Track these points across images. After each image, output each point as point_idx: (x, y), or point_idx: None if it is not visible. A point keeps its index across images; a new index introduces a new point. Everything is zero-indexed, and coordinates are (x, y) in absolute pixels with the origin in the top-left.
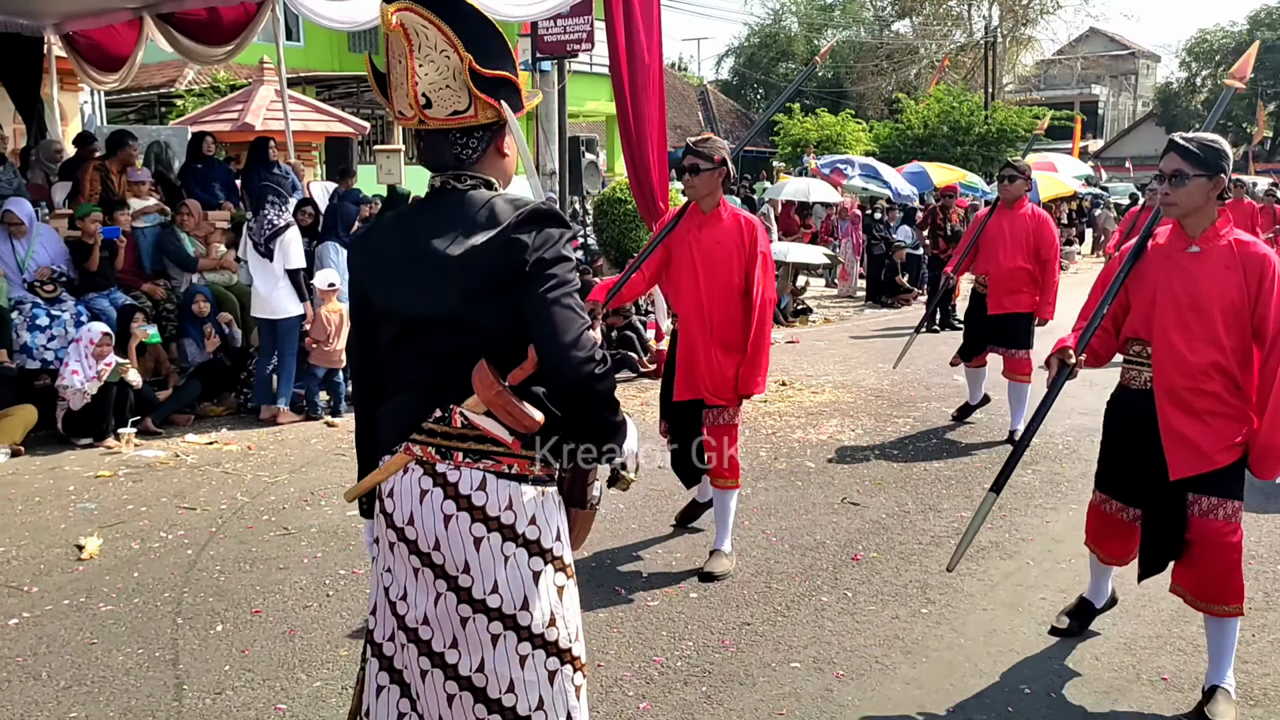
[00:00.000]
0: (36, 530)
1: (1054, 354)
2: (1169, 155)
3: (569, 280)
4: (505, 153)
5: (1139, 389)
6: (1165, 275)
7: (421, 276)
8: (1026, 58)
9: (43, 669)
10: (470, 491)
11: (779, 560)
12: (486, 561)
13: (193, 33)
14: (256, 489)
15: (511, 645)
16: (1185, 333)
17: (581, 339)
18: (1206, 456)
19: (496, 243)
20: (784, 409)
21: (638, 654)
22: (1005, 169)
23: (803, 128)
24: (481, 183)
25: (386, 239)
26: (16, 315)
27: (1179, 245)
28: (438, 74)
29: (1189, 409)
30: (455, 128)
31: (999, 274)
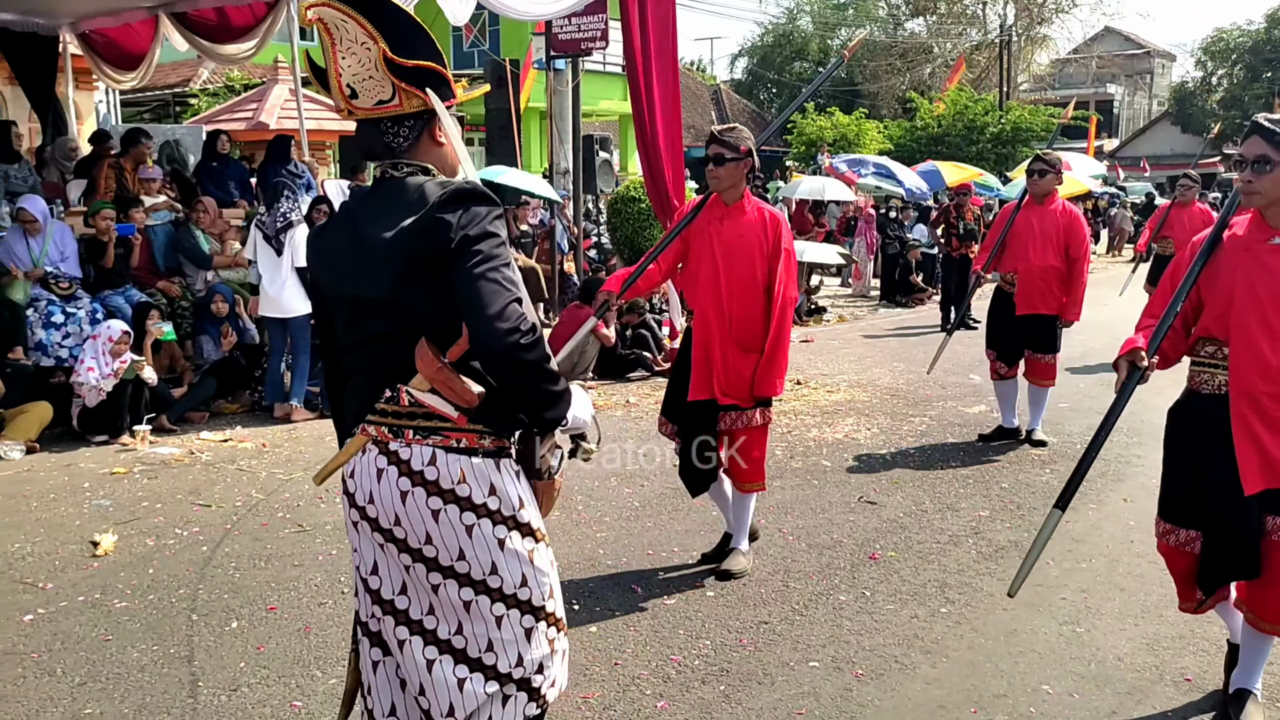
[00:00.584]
0: (51, 527)
1: (1122, 355)
2: (1252, 139)
3: (495, 255)
4: (440, 141)
5: (1211, 394)
6: (1245, 270)
7: (360, 262)
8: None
9: (58, 665)
10: (422, 467)
11: (796, 559)
12: (448, 532)
13: (204, 32)
14: (271, 486)
15: (485, 607)
16: (1269, 333)
17: (506, 310)
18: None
19: (422, 223)
20: (799, 408)
21: (655, 652)
22: (1035, 162)
23: (817, 126)
24: (418, 169)
25: (335, 230)
26: (32, 312)
27: (1260, 237)
28: (359, 65)
29: (1269, 418)
30: (384, 116)
31: (1029, 272)
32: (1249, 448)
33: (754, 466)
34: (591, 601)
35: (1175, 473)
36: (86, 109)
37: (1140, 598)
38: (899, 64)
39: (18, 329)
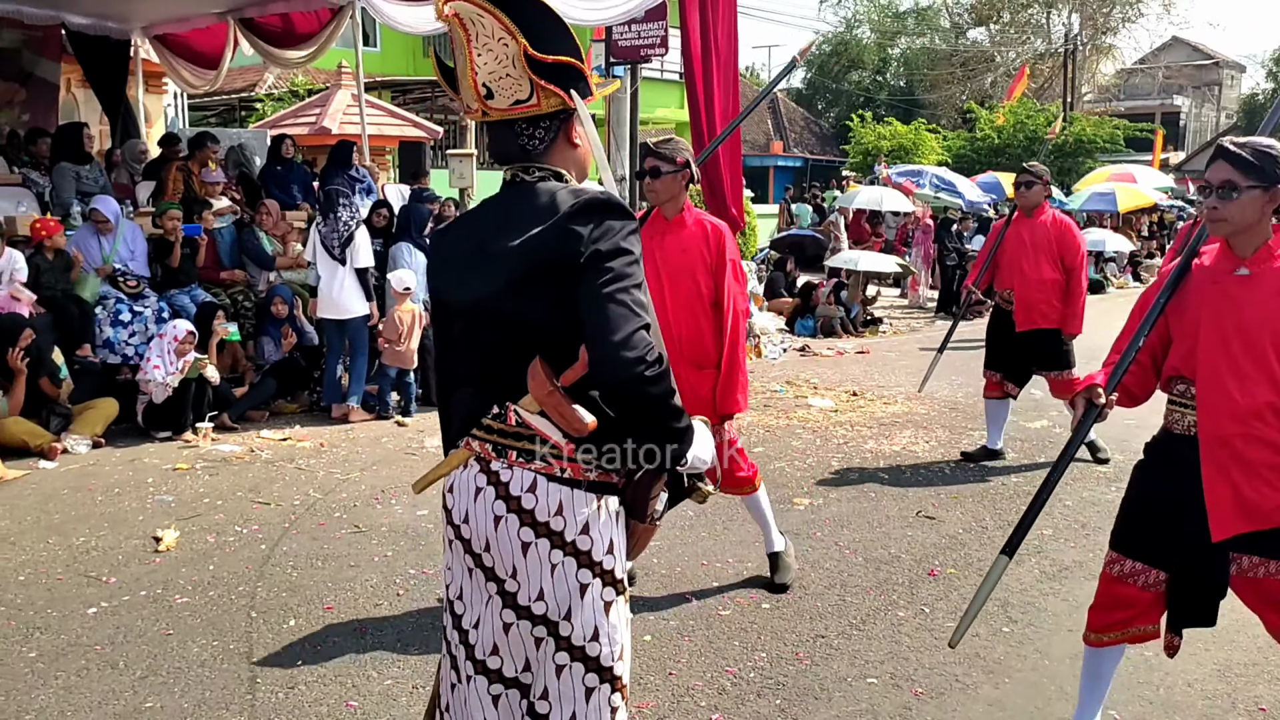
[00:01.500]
0: (116, 521)
1: (1080, 392)
2: (1217, 163)
3: (627, 274)
4: (576, 143)
5: (1182, 434)
6: (1211, 303)
7: (481, 268)
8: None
9: (120, 658)
10: (520, 493)
11: (853, 573)
12: (534, 568)
13: (269, 38)
14: (328, 486)
15: (549, 653)
16: (1235, 370)
17: (633, 337)
18: (1259, 514)
19: (552, 231)
20: (855, 419)
21: (709, 663)
22: (1022, 175)
23: (874, 135)
24: (550, 174)
25: (458, 233)
26: (100, 310)
27: (1226, 267)
28: (496, 63)
29: (1240, 459)
30: (519, 117)
31: (1026, 287)
32: (1222, 491)
33: (734, 477)
34: (646, 610)
35: (1139, 507)
36: (155, 112)
37: None
38: (959, 73)
39: (87, 326)
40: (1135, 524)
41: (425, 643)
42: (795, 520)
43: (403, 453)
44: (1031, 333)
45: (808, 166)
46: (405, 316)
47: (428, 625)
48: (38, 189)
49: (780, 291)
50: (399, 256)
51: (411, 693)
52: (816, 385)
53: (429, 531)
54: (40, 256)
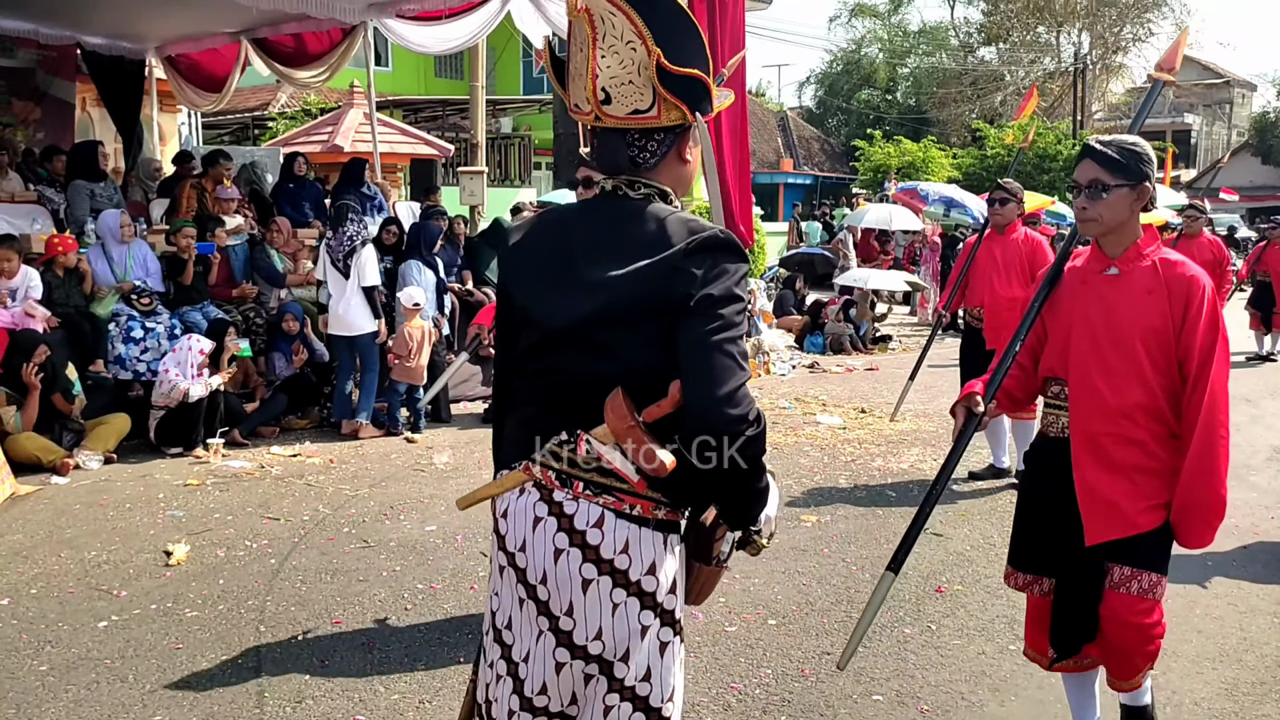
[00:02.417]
0: (127, 535)
1: (959, 401)
2: (1085, 163)
3: (736, 324)
4: (687, 159)
5: (1057, 436)
6: (1081, 302)
7: (571, 286)
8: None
9: (129, 672)
10: (586, 527)
11: (860, 589)
12: (593, 606)
13: (281, 57)
14: (338, 501)
15: (601, 691)
16: (1105, 369)
17: (738, 393)
18: (1126, 518)
19: (663, 266)
20: (863, 436)
21: (715, 680)
22: (995, 191)
23: (884, 154)
24: (656, 192)
25: (543, 239)
26: (113, 327)
27: (1096, 267)
28: (621, 67)
29: (1109, 461)
30: (634, 128)
31: (995, 305)
32: (1089, 495)
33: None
34: None
35: (1022, 519)
36: (169, 131)
37: (1219, 640)
38: (969, 92)
39: (99, 342)
40: (1022, 533)
41: (433, 657)
42: (803, 537)
43: (412, 469)
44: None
45: (817, 184)
46: (415, 333)
47: (435, 640)
48: (53, 206)
49: (789, 309)
50: (408, 274)
51: (419, 707)
52: (825, 402)
53: (437, 547)
54: (52, 273)
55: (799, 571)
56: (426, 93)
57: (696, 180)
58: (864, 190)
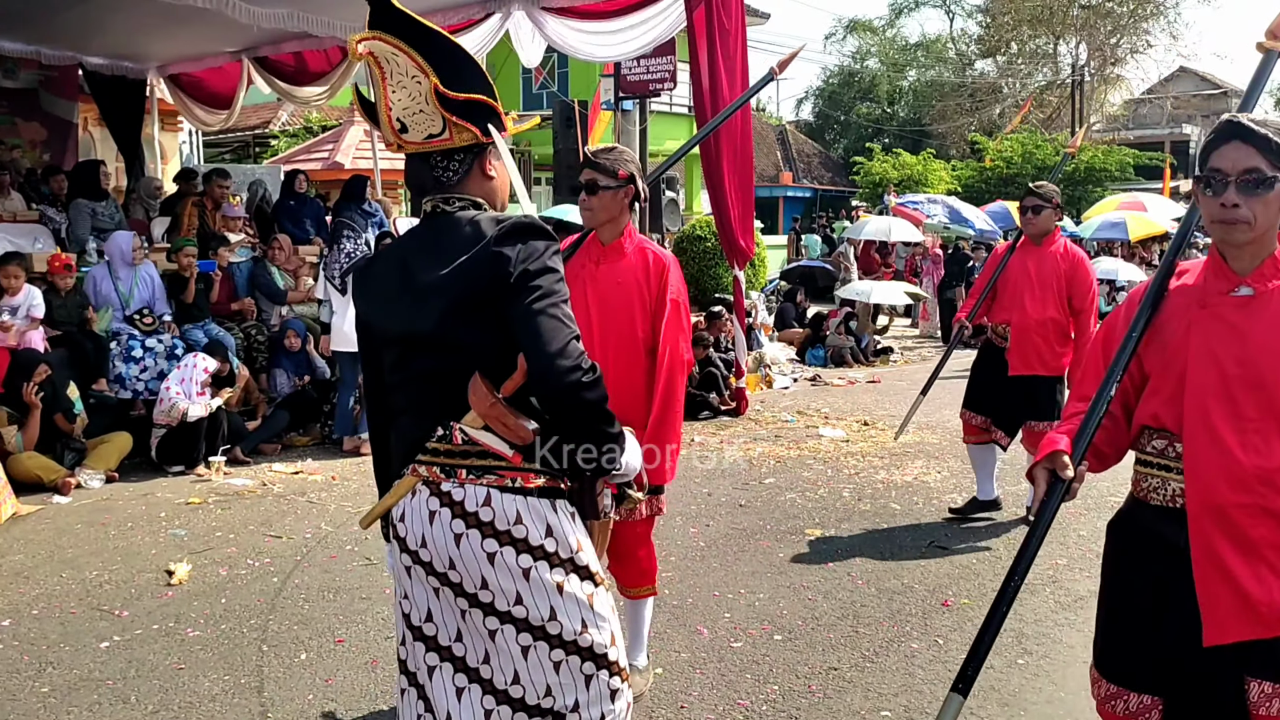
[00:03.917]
0: (128, 555)
1: (1040, 461)
2: (1232, 145)
3: (555, 290)
4: (491, 175)
5: (1162, 506)
6: (1202, 333)
7: (411, 298)
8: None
9: (131, 692)
10: (476, 508)
11: (865, 604)
12: (504, 576)
13: (283, 76)
14: (340, 519)
15: (544, 653)
16: (1236, 421)
17: (568, 348)
18: (1269, 615)
19: (480, 257)
20: (866, 449)
21: (721, 696)
22: (1028, 197)
23: (883, 167)
24: (470, 204)
25: (384, 266)
26: (114, 345)
27: (1220, 287)
28: (410, 99)
29: (1244, 539)
30: (434, 150)
31: (1025, 326)
32: (1217, 584)
33: (637, 567)
34: (657, 642)
35: (1120, 614)
36: (171, 149)
37: None
38: (968, 104)
39: (101, 361)
40: (1112, 633)
41: None
42: (807, 551)
43: None
44: (1025, 377)
45: (817, 197)
46: None
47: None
48: (54, 225)
49: (790, 322)
50: None
51: None
52: (828, 415)
53: None
54: (54, 293)
55: (804, 586)
56: None
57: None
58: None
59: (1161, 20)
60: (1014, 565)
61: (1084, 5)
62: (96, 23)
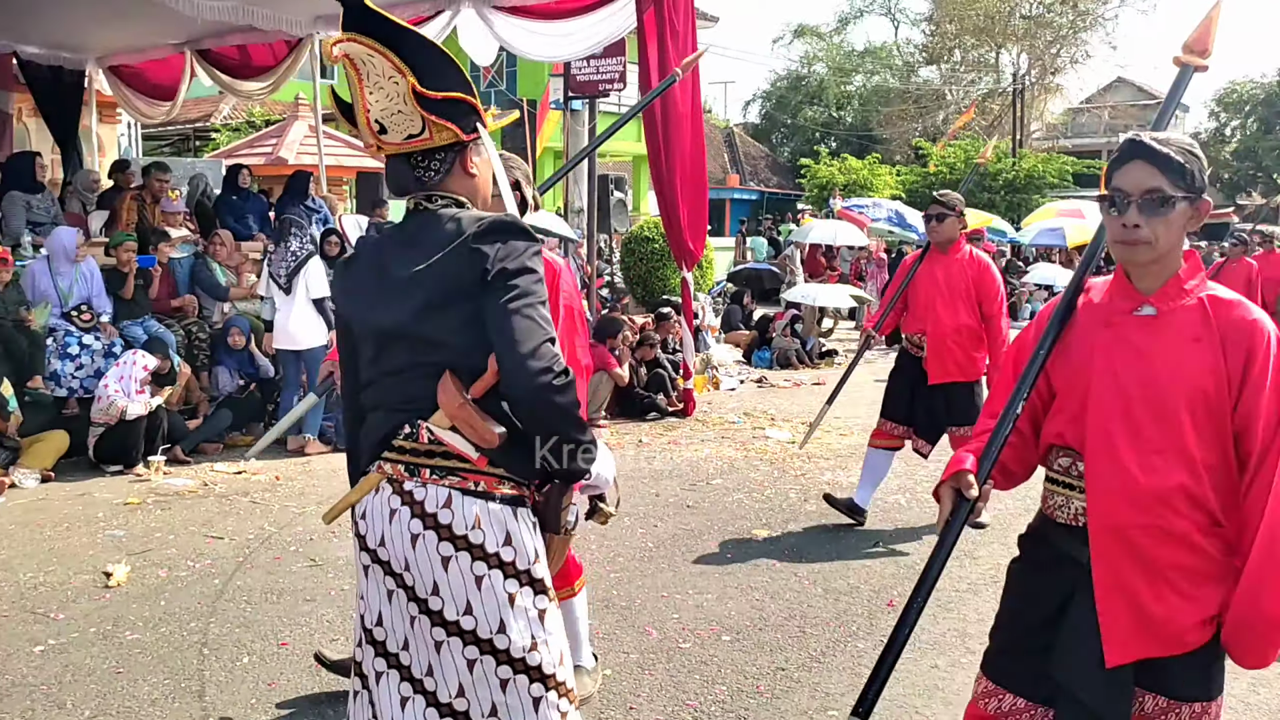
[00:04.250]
0: (64, 556)
1: (946, 480)
2: (1135, 165)
3: (532, 291)
4: (473, 173)
5: (1067, 524)
6: (1104, 351)
7: (388, 293)
8: (1054, 106)
9: (68, 698)
10: (436, 509)
11: (812, 604)
12: (456, 582)
13: (227, 69)
14: (284, 520)
15: (490, 669)
16: (1137, 440)
17: (540, 349)
18: (1166, 634)
19: (458, 252)
20: (812, 450)
21: (670, 697)
22: (933, 206)
23: (830, 171)
24: (452, 202)
25: (363, 261)
26: (51, 342)
27: (1124, 306)
28: (388, 100)
29: (1144, 560)
30: (415, 150)
31: (940, 335)
32: (1117, 603)
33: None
34: (605, 643)
35: (1016, 619)
36: (109, 142)
37: None
38: (912, 110)
39: (37, 358)
40: (1011, 644)
41: None
42: (754, 552)
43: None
44: (944, 385)
45: (764, 200)
46: None
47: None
48: None
49: (737, 324)
50: None
51: None
52: (774, 417)
53: None
54: None
55: (751, 587)
56: None
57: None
58: (810, 206)
59: (1100, 31)
60: (917, 587)
61: (1025, 15)
62: (33, 11)
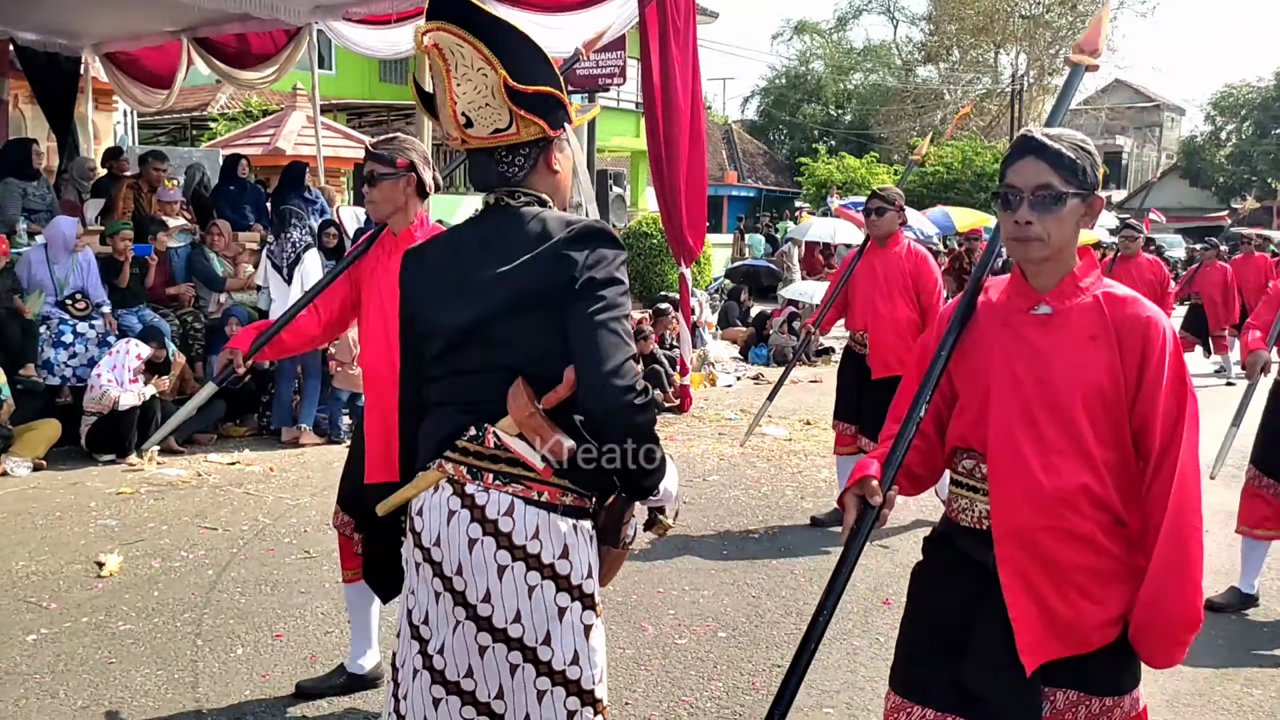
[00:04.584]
0: (57, 546)
1: (850, 489)
2: (1026, 161)
3: (618, 304)
4: (556, 169)
5: (971, 527)
6: (1002, 351)
7: (464, 290)
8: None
9: (60, 687)
10: (497, 516)
11: (808, 601)
12: (509, 591)
13: (225, 57)
14: (278, 511)
15: (530, 678)
16: (1037, 441)
17: (624, 367)
18: (1073, 635)
19: (545, 257)
20: (809, 448)
21: (665, 693)
22: (872, 200)
23: (828, 169)
24: (535, 200)
25: (436, 254)
26: (44, 330)
27: (1021, 305)
28: (476, 92)
29: (1048, 561)
30: (500, 145)
31: (880, 329)
32: (1026, 606)
33: None
34: None
35: (920, 631)
36: (105, 130)
37: None
38: (911, 109)
39: (30, 346)
40: (919, 655)
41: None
42: (751, 548)
43: None
44: (889, 380)
45: (761, 197)
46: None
47: (380, 654)
48: None
49: (734, 321)
50: None
51: None
52: (770, 414)
53: None
54: None
55: (748, 584)
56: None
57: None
58: (807, 204)
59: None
60: (823, 599)
61: (1024, 16)
62: None
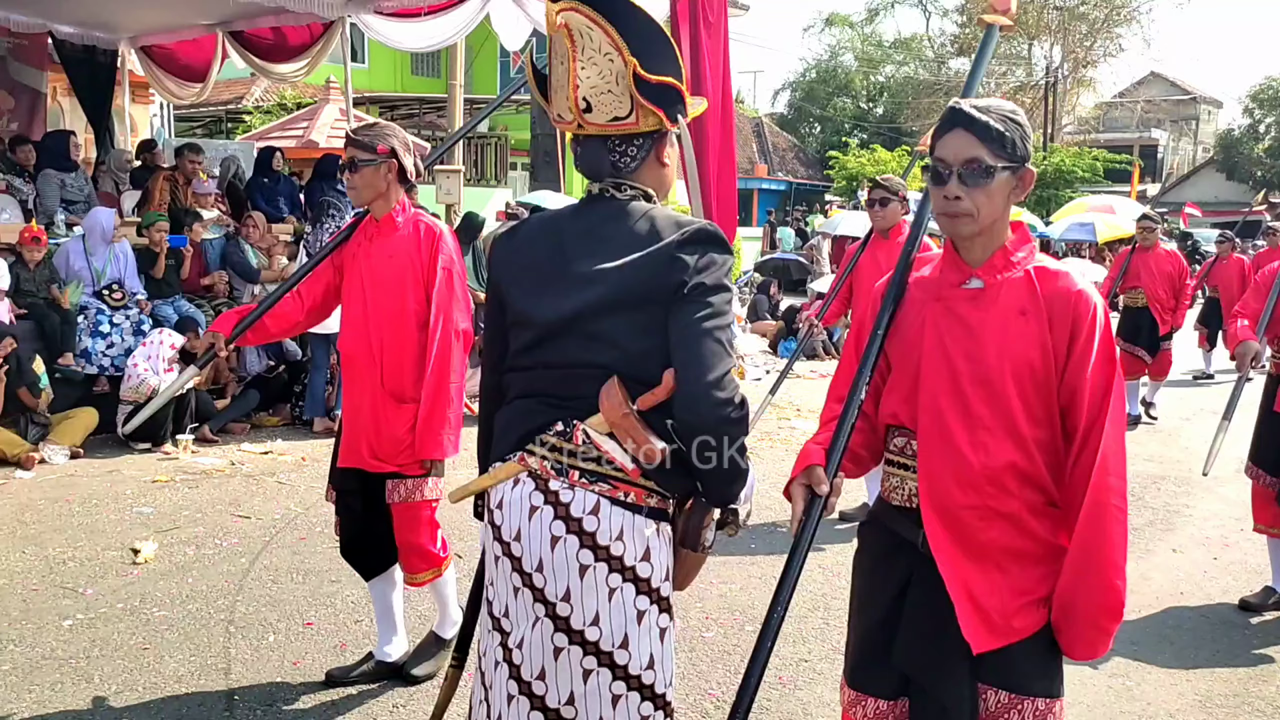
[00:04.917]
0: (93, 533)
1: (795, 479)
2: (955, 134)
3: (724, 312)
4: (665, 163)
5: (902, 506)
6: (934, 327)
7: (565, 283)
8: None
9: (95, 672)
10: (582, 515)
11: (836, 596)
12: (589, 592)
13: (260, 51)
14: (310, 500)
15: (605, 682)
16: (966, 418)
17: (726, 379)
18: (998, 622)
19: (657, 257)
20: None
21: (693, 686)
22: (875, 190)
23: (858, 163)
24: (640, 194)
25: (532, 241)
26: (81, 319)
27: (953, 279)
28: (600, 78)
29: (972, 543)
30: (615, 134)
31: None
32: (960, 590)
33: (420, 551)
34: None
35: (862, 617)
36: (141, 122)
37: (1192, 653)
38: (943, 102)
39: (68, 335)
40: (863, 647)
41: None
42: (779, 543)
43: None
44: None
45: (792, 190)
46: None
47: (410, 642)
48: (21, 196)
49: (764, 314)
50: None
51: (392, 711)
52: (800, 408)
53: None
54: (21, 265)
55: (775, 577)
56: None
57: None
58: (838, 198)
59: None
60: (776, 594)
61: (1059, 8)
62: None
